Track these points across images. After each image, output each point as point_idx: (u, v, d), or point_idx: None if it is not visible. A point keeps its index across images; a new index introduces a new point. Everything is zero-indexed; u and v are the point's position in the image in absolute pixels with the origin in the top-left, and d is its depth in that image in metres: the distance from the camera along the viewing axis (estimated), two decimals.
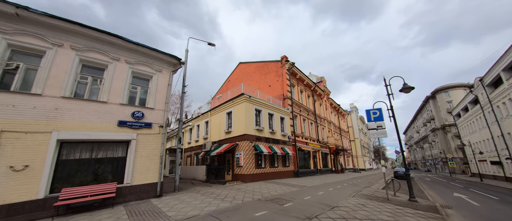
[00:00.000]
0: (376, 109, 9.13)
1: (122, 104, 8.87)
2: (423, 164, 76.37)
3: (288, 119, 18.98)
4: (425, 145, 69.91)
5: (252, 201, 7.52)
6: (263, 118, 15.83)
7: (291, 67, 21.47)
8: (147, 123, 9.29)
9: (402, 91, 9.02)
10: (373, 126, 8.97)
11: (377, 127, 8.85)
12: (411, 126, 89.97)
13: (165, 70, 10.68)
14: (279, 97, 20.53)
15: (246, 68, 27.43)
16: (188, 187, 12.04)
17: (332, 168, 26.69)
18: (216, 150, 14.43)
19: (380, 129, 8.80)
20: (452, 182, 21.38)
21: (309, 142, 22.20)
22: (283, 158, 16.98)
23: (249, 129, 14.22)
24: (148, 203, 7.71)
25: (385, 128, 8.73)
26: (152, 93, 9.94)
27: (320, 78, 32.24)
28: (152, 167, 9.10)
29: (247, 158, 13.56)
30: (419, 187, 15.20)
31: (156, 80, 10.20)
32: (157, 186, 9.03)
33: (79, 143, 7.90)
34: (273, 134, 16.40)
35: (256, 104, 15.47)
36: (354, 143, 44.71)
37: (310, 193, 9.24)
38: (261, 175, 14.22)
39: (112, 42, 9.09)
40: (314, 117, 25.19)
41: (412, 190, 8.19)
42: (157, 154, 9.33)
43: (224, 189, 10.65)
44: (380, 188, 11.92)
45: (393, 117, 9.03)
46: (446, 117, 52.61)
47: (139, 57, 9.90)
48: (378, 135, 8.75)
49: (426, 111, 65.22)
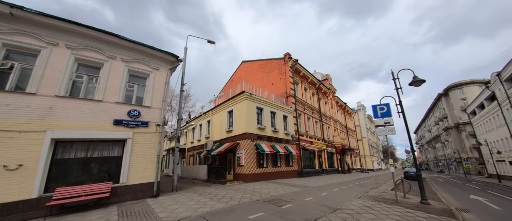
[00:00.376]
0: (384, 105, 8.53)
1: (118, 103, 8.74)
2: (436, 164, 73.40)
3: (291, 117, 18.47)
4: (438, 144, 67.17)
5: (250, 202, 7.14)
6: (265, 116, 15.41)
7: (294, 64, 20.93)
8: (143, 122, 9.12)
9: (412, 85, 8.38)
10: (380, 122, 8.38)
11: (384, 124, 8.25)
12: (422, 125, 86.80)
13: (162, 68, 10.50)
14: (282, 95, 20.05)
15: (249, 66, 27.09)
16: (187, 187, 11.81)
17: (338, 168, 25.89)
18: (216, 150, 14.16)
19: (388, 126, 8.19)
20: (467, 184, 20.17)
21: (314, 141, 21.56)
22: (286, 158, 16.50)
23: (250, 128, 13.86)
24: (143, 203, 7.49)
25: (393, 124, 8.12)
26: (149, 91, 9.77)
27: (325, 76, 31.42)
28: (148, 167, 8.91)
29: (248, 158, 13.19)
30: (432, 189, 14.32)
31: (153, 78, 10.03)
32: (154, 185, 8.82)
33: (74, 142, 7.81)
34: (275, 132, 15.95)
35: (257, 102, 15.08)
36: (362, 143, 43.44)
37: (313, 194, 8.75)
38: (263, 174, 13.81)
39: (108, 41, 8.99)
40: (319, 115, 24.50)
41: (424, 191, 7.55)
42: (154, 153, 9.13)
43: (223, 189, 10.33)
44: (388, 189, 11.24)
45: (402, 113, 8.40)
46: (459, 115, 50.24)
47: (136, 55, 9.76)
48: (386, 132, 8.15)
49: (438, 109, 62.61)
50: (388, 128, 8.14)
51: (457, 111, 51.34)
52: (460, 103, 50.85)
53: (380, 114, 8.46)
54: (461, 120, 49.60)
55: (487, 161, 33.86)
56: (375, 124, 8.43)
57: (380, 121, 8.40)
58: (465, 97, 50.41)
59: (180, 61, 10.81)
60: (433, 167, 77.01)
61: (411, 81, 8.26)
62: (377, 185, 13.04)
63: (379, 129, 8.39)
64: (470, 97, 48.00)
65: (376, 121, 8.51)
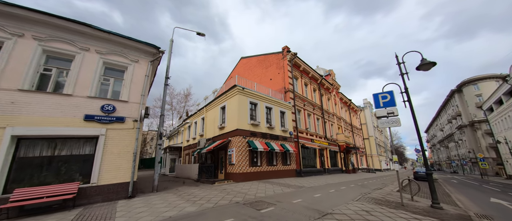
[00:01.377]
0: (386, 93, 7.38)
1: (90, 97, 8.06)
2: (448, 165, 69.84)
3: (289, 113, 17.39)
4: (451, 144, 63.87)
5: (227, 204, 6.22)
6: (259, 112, 14.44)
7: (293, 57, 19.83)
8: (119, 117, 8.39)
9: (421, 69, 7.20)
10: (382, 113, 7.24)
11: (387, 115, 7.10)
12: (433, 123, 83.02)
13: (142, 60, 9.77)
14: (281, 90, 19.00)
15: (247, 62, 26.20)
16: (173, 186, 11.02)
17: (342, 167, 24.52)
18: (206, 148, 13.33)
19: (392, 117, 7.04)
20: (485, 185, 18.40)
21: (315, 139, 20.37)
22: (283, 156, 15.44)
23: (242, 124, 12.92)
24: (111, 205, 6.71)
25: (397, 115, 6.97)
26: (126, 85, 9.07)
27: (328, 71, 30.07)
28: (123, 165, 8.16)
29: (239, 156, 12.26)
30: (445, 190, 12.91)
31: (131, 71, 9.32)
32: (129, 186, 8.05)
33: (39, 140, 7.16)
34: (271, 129, 14.94)
35: (251, 97, 14.13)
36: (369, 141, 41.58)
37: (304, 195, 7.71)
38: (256, 174, 12.83)
39: (81, 31, 8.39)
40: (321, 112, 23.25)
41: (435, 193, 6.37)
42: (130, 150, 8.38)
43: (208, 189, 9.45)
44: (394, 191, 10.02)
45: (409, 102, 7.22)
46: (474, 112, 47.36)
47: (113, 47, 9.09)
48: (389, 124, 7.01)
49: (451, 106, 59.49)
50: (392, 119, 6.99)
51: (472, 108, 48.43)
52: (475, 100, 47.96)
53: (383, 104, 7.32)
54: (476, 117, 46.72)
55: (506, 161, 31.41)
56: (377, 115, 7.30)
57: (382, 111, 7.26)
58: (480, 93, 47.50)
59: (161, 53, 10.04)
60: (446, 167, 73.35)
61: (419, 64, 7.08)
62: (382, 186, 11.79)
63: (382, 121, 7.25)
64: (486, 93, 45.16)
65: (377, 111, 7.38)
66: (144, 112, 8.68)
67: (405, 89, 7.39)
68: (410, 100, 7.21)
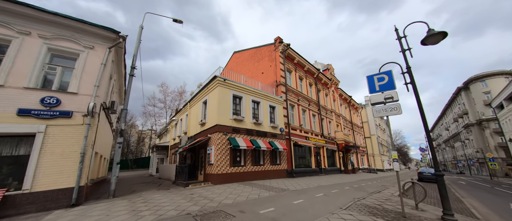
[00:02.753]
0: (383, 73, 5.87)
1: (27, 88, 6.72)
2: (454, 165, 67.39)
3: (280, 108, 15.90)
4: (457, 144, 61.48)
5: (173, 217, 4.78)
6: (244, 106, 12.97)
7: (286, 49, 18.32)
8: (64, 112, 7.03)
9: (426, 43, 5.67)
10: (378, 98, 5.73)
11: (385, 100, 5.58)
12: (439, 122, 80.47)
13: (99, 46, 8.39)
14: (272, 84, 17.52)
15: (239, 57, 24.77)
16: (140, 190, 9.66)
17: (340, 167, 22.90)
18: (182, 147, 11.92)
19: (390, 103, 5.53)
20: (497, 187, 16.63)
21: (310, 137, 18.82)
22: (271, 155, 13.95)
23: (222, 119, 11.48)
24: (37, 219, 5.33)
25: (397, 100, 5.45)
26: (77, 74, 7.70)
27: (327, 66, 28.45)
28: (67, 168, 6.78)
29: (219, 154, 10.82)
30: (454, 194, 11.28)
31: (84, 58, 7.94)
32: (74, 192, 6.65)
33: None
34: (258, 125, 13.47)
35: (234, 89, 12.67)
36: (370, 140, 39.76)
37: (281, 202, 6.24)
38: (239, 175, 11.36)
39: (19, 13, 7.05)
40: (317, 108, 21.68)
41: (448, 200, 4.84)
42: (77, 150, 6.99)
43: (174, 194, 8.04)
44: (395, 195, 8.47)
45: (412, 85, 5.69)
46: (482, 110, 45.16)
47: (61, 31, 7.75)
48: (387, 112, 5.49)
49: (457, 105, 57.18)
50: (390, 106, 5.47)
51: (479, 106, 46.22)
52: (483, 97, 45.72)
53: (379, 87, 5.80)
54: (484, 116, 44.52)
55: None
56: (372, 101, 5.79)
57: (378, 96, 5.75)
58: (488, 90, 45.27)
59: (122, 38, 8.64)
60: (452, 168, 70.87)
61: (426, 36, 5.54)
62: (381, 189, 10.24)
63: (377, 109, 5.73)
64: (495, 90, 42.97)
65: (372, 97, 5.86)
66: (92, 105, 7.26)
67: (407, 69, 5.86)
68: (414, 82, 5.68)
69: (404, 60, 5.97)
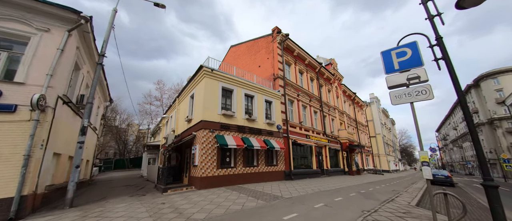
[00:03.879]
0: (405, 46, 4.35)
1: None
2: (462, 166, 64.82)
3: (278, 103, 14.41)
4: (465, 144, 59.02)
5: None
6: (236, 100, 11.51)
7: (284, 39, 16.80)
8: (4, 105, 5.73)
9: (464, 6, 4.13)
10: (398, 80, 4.22)
11: (408, 81, 4.07)
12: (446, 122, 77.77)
13: (56, 29, 7.03)
14: (270, 78, 16.05)
15: (236, 50, 23.33)
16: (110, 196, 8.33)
17: (344, 168, 21.30)
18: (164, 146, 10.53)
19: (417, 84, 4.02)
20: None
21: (311, 135, 17.29)
22: (267, 155, 12.48)
23: (208, 114, 10.05)
24: None
25: (427, 80, 3.93)
26: (26, 61, 6.36)
27: (330, 60, 26.82)
28: (6, 174, 5.46)
29: (204, 155, 9.39)
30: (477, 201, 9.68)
31: (36, 43, 6.61)
32: (13, 203, 5.30)
33: None
34: (251, 122, 12.00)
35: (223, 81, 11.23)
36: (375, 140, 37.93)
37: (267, 219, 4.78)
38: (227, 178, 9.92)
39: None
40: (319, 104, 20.11)
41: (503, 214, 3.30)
42: (20, 152, 5.64)
43: (140, 204, 6.66)
44: (412, 204, 6.93)
45: (445, 59, 4.16)
46: (494, 109, 42.89)
47: (8, 11, 6.43)
48: (412, 98, 3.98)
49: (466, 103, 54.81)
50: (417, 89, 3.95)
51: (491, 104, 43.93)
52: (495, 95, 43.42)
53: (398, 65, 4.30)
54: (496, 114, 42.24)
55: None
56: (389, 84, 4.29)
57: (398, 77, 4.24)
58: (501, 88, 43.00)
59: (85, 20, 7.28)
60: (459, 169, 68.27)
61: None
62: (393, 195, 8.69)
63: (397, 93, 4.22)
64: (508, 87, 40.81)
65: (389, 78, 4.35)
66: (37, 97, 5.86)
67: (437, 40, 4.33)
68: (448, 56, 4.14)
69: (433, 29, 4.44)
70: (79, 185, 12.39)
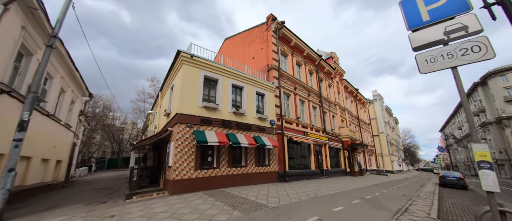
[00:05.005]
0: None
1: None
2: (468, 166, 62.82)
3: (271, 96, 12.92)
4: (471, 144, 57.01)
5: None
6: (221, 91, 10.04)
7: (280, 27, 15.29)
8: None
9: None
10: (429, 36, 2.72)
11: (446, 36, 2.57)
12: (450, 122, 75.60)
13: None
14: (264, 69, 14.57)
15: (230, 43, 21.87)
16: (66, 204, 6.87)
17: (346, 168, 19.75)
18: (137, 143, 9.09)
19: (463, 39, 2.51)
20: None
21: (310, 132, 15.77)
22: (257, 153, 10.99)
23: (186, 107, 8.57)
24: None
25: (481, 30, 2.43)
26: None
27: (330, 54, 25.26)
28: None
29: (179, 153, 7.93)
30: None
31: None
32: None
33: None
34: (239, 116, 10.52)
35: (206, 69, 9.75)
36: (379, 139, 36.28)
37: None
38: (208, 180, 8.44)
39: None
40: (318, 99, 18.58)
41: None
42: None
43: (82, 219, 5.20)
44: (431, 215, 5.42)
45: (503, 3, 2.64)
46: (502, 107, 40.98)
47: None
48: (457, 61, 2.49)
49: (472, 102, 52.76)
50: (464, 45, 2.46)
51: (499, 102, 42.01)
52: (504, 93, 41.51)
53: (429, 15, 2.79)
54: (505, 113, 40.34)
55: None
56: (414, 44, 2.81)
57: (428, 32, 2.73)
58: (509, 86, 41.14)
59: None
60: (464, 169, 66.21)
61: None
62: (406, 201, 7.18)
63: (427, 55, 2.70)
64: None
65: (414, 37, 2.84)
66: None
67: None
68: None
69: None
70: (47, 188, 11.03)
